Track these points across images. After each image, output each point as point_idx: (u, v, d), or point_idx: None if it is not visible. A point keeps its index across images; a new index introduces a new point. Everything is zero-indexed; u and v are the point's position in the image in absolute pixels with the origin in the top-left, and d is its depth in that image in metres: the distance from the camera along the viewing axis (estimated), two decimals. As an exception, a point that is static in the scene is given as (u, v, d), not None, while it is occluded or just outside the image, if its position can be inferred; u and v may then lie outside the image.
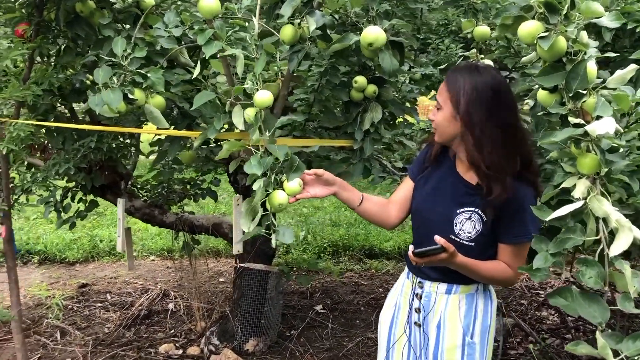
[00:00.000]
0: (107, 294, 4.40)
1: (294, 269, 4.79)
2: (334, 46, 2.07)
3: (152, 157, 3.20)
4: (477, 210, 1.71)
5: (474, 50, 2.27)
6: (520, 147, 1.68)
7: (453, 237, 1.72)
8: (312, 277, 4.60)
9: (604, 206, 1.54)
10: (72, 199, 3.44)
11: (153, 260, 5.20)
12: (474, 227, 1.71)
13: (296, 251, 5.21)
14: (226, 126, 2.39)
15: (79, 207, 3.46)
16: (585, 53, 1.58)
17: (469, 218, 1.71)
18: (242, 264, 3.48)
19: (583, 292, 1.57)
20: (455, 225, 1.73)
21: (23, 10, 2.27)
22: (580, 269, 1.56)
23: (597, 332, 1.41)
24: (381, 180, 2.80)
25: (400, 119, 3.22)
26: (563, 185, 1.61)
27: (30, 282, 4.63)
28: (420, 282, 1.86)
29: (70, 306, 4.16)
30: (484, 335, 1.80)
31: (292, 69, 2.11)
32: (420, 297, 1.84)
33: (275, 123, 2.39)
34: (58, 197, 3.34)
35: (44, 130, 2.69)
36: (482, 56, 2.31)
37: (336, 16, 2.34)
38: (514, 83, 2.35)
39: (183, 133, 2.49)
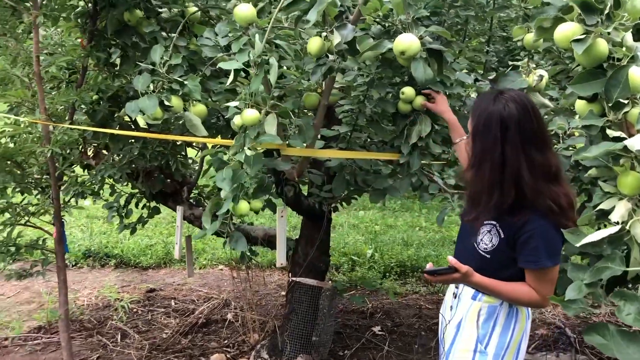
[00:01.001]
0: (172, 300, 4.51)
1: (357, 286, 4.68)
2: (367, 54, 1.98)
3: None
4: (497, 225, 1.73)
5: (525, 59, 2.09)
6: (519, 180, 1.63)
7: (475, 245, 1.77)
8: (373, 297, 4.47)
9: (648, 232, 1.34)
10: (136, 205, 3.57)
11: (221, 269, 5.28)
12: (491, 241, 1.74)
13: (361, 269, 5.09)
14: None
15: (142, 214, 3.58)
16: (631, 58, 1.40)
17: (489, 231, 1.74)
18: (293, 278, 3.43)
19: (622, 330, 1.38)
20: (479, 235, 1.77)
21: (79, 20, 2.37)
22: (618, 303, 1.37)
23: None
24: (431, 198, 2.66)
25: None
26: (601, 207, 1.42)
27: (103, 284, 4.84)
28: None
29: (135, 310, 4.29)
30: (500, 351, 1.78)
31: (314, 82, 2.05)
32: (456, 297, 1.92)
33: (313, 134, 2.36)
34: (122, 203, 3.47)
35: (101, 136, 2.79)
36: (534, 65, 2.12)
37: (383, 23, 2.26)
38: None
39: (219, 141, 2.50)
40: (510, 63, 2.21)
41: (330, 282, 4.27)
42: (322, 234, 3.39)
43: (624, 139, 1.33)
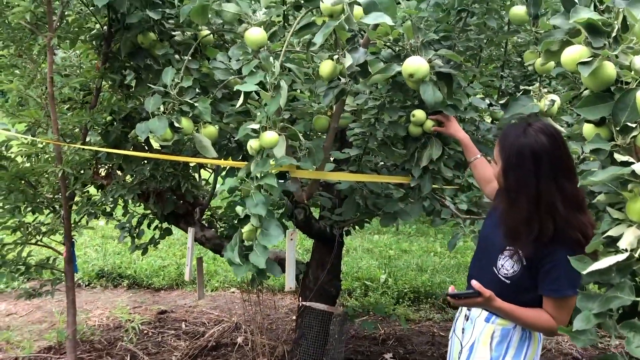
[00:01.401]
0: (183, 322, 4.49)
1: (370, 312, 4.62)
2: (376, 77, 1.98)
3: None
4: (519, 251, 1.74)
5: (537, 84, 2.07)
6: (554, 212, 1.65)
7: (495, 269, 1.79)
8: (385, 323, 4.40)
9: (658, 261, 1.30)
10: (148, 226, 3.58)
11: (233, 292, 5.25)
12: (512, 267, 1.75)
13: (374, 294, 5.03)
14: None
15: (154, 234, 3.59)
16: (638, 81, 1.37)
17: (511, 257, 1.76)
18: (303, 302, 3.39)
19: (633, 363, 1.33)
20: (499, 260, 1.79)
21: (94, 42, 2.41)
22: (627, 335, 1.33)
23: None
24: (443, 222, 2.63)
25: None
26: (609, 233, 1.38)
27: (115, 304, 4.84)
28: None
29: (146, 331, 4.28)
30: None
31: (326, 105, 2.05)
32: (467, 319, 1.93)
33: (322, 156, 2.35)
34: (134, 223, 3.49)
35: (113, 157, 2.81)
36: (546, 90, 2.10)
37: (394, 47, 2.26)
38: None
39: (229, 163, 2.50)
40: (522, 88, 2.19)
41: (341, 307, 4.23)
42: (333, 258, 3.36)
43: (632, 163, 1.30)
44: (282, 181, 2.55)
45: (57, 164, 2.31)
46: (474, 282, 1.66)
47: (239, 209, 2.06)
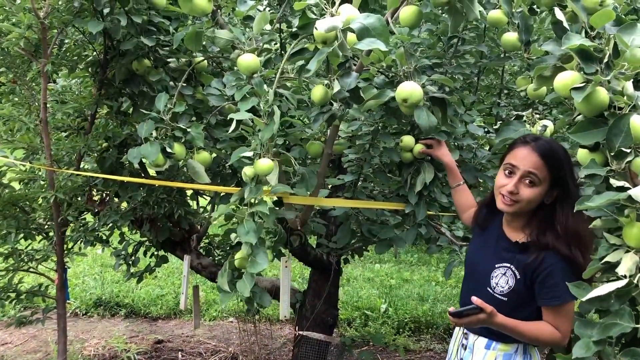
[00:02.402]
0: (179, 352, 4.41)
1: (369, 342, 4.53)
2: (369, 103, 1.97)
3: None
4: (511, 266, 1.74)
5: (530, 110, 2.06)
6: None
7: (489, 289, 1.77)
8: (385, 354, 4.32)
9: (657, 287, 1.26)
10: (144, 254, 3.54)
11: (231, 321, 5.18)
12: (507, 283, 1.74)
13: (374, 324, 4.95)
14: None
15: (149, 262, 3.55)
16: (633, 106, 1.35)
17: (504, 274, 1.75)
18: (299, 332, 3.34)
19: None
20: (492, 279, 1.77)
21: (90, 69, 2.42)
22: (626, 364, 1.28)
23: None
24: (438, 249, 2.59)
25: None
26: (607, 259, 1.35)
27: (112, 334, 4.77)
28: (465, 334, 1.90)
29: (141, 361, 4.20)
30: None
31: (316, 129, 2.04)
32: (465, 348, 1.90)
33: (315, 182, 2.33)
34: (130, 250, 3.45)
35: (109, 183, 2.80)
36: (538, 116, 2.09)
37: (387, 74, 2.26)
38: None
39: (223, 189, 2.48)
40: (514, 113, 2.18)
41: (338, 337, 4.16)
42: (330, 287, 3.31)
43: (628, 188, 1.27)
44: (278, 208, 2.52)
45: (50, 189, 2.29)
46: (475, 298, 1.62)
47: (232, 235, 2.03)
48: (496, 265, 1.77)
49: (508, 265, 1.75)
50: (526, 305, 1.73)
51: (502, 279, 1.75)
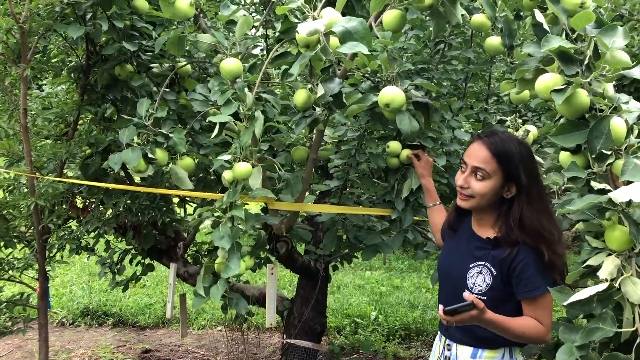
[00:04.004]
0: (167, 362, 4.36)
1: (359, 349, 4.50)
2: (352, 107, 1.96)
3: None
4: (486, 264, 1.71)
5: (513, 115, 2.05)
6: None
7: (468, 291, 1.73)
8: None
9: (639, 290, 1.25)
10: (130, 262, 3.50)
11: (220, 330, 5.13)
12: (484, 281, 1.71)
13: (364, 331, 4.92)
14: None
15: (135, 270, 3.51)
16: (614, 108, 1.34)
17: (480, 272, 1.72)
18: (287, 340, 3.30)
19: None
20: (469, 279, 1.74)
21: (72, 75, 2.39)
22: (610, 368, 1.27)
23: None
24: (425, 255, 2.57)
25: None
26: (589, 262, 1.34)
27: (99, 343, 4.71)
28: (448, 345, 1.83)
29: (128, 371, 4.15)
30: None
31: (299, 133, 2.02)
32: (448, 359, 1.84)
33: (301, 187, 2.31)
34: (115, 259, 3.41)
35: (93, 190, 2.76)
36: (521, 120, 2.08)
37: (372, 79, 2.25)
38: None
39: (205, 195, 2.46)
40: (498, 118, 2.17)
41: (327, 344, 4.12)
42: (318, 294, 3.28)
43: (609, 191, 1.26)
44: (263, 214, 2.50)
45: (31, 196, 2.26)
46: (467, 294, 1.58)
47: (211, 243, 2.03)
48: (470, 265, 1.75)
49: (482, 262, 1.72)
50: (506, 301, 1.70)
51: (479, 278, 1.72)
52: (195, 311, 5.32)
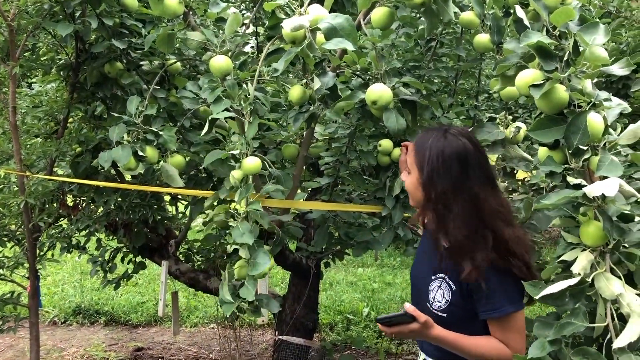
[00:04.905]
0: (159, 360, 4.37)
1: (352, 346, 4.52)
2: (340, 104, 1.97)
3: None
4: (446, 277, 1.54)
5: (503, 112, 2.07)
6: (491, 222, 1.47)
7: (428, 305, 1.57)
8: (368, 358, 4.31)
9: (612, 286, 1.26)
10: (122, 260, 3.50)
11: (213, 328, 5.14)
12: (443, 296, 1.54)
13: (356, 327, 4.94)
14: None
15: (127, 269, 3.51)
16: (593, 105, 1.36)
17: (440, 286, 1.55)
18: (279, 337, 3.32)
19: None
20: (429, 293, 1.58)
21: (61, 73, 2.40)
22: (579, 362, 1.28)
23: None
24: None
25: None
26: (563, 257, 1.35)
27: (91, 342, 4.71)
28: None
29: (120, 369, 4.16)
30: None
31: (296, 129, 2.03)
32: None
33: (291, 184, 2.32)
34: (107, 257, 3.41)
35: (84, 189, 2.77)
36: (511, 117, 2.10)
37: (363, 76, 2.26)
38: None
39: (196, 192, 2.47)
40: (487, 115, 2.19)
41: (319, 341, 4.14)
42: (310, 291, 3.30)
43: (585, 186, 1.28)
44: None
45: (20, 195, 2.26)
46: (407, 305, 1.43)
47: (228, 246, 1.99)
48: (432, 277, 1.58)
49: (443, 276, 1.55)
50: (469, 321, 1.52)
51: (439, 293, 1.54)
52: (187, 309, 5.33)
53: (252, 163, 1.92)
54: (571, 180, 1.29)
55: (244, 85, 2.01)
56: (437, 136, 1.53)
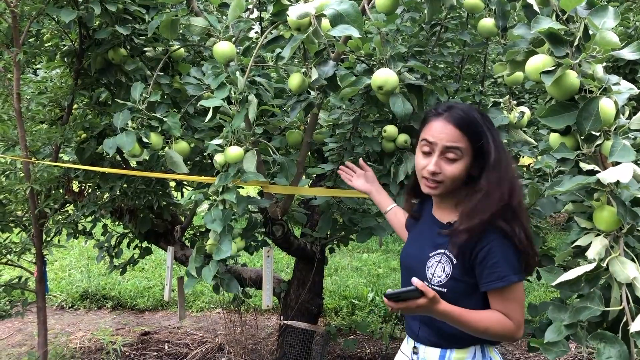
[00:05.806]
0: (166, 344, 4.40)
1: (356, 330, 4.54)
2: (345, 90, 1.96)
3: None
4: (446, 252, 1.55)
5: (507, 97, 2.05)
6: (514, 182, 1.51)
7: (427, 282, 1.55)
8: (372, 342, 4.33)
9: (627, 270, 1.26)
10: (128, 246, 3.52)
11: (218, 312, 5.17)
12: (444, 270, 1.54)
13: (361, 312, 4.97)
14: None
15: (133, 254, 3.53)
16: (604, 89, 1.35)
17: (439, 261, 1.56)
18: (284, 321, 3.34)
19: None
20: (428, 270, 1.58)
21: (65, 59, 2.39)
22: (598, 346, 1.29)
23: None
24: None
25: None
26: (577, 243, 1.35)
27: (98, 326, 4.75)
28: (415, 347, 1.67)
29: (128, 353, 4.19)
30: None
31: (294, 117, 2.03)
32: None
33: (295, 171, 2.32)
34: (113, 243, 3.43)
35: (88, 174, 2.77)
36: (515, 102, 2.08)
37: (367, 62, 2.25)
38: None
39: (200, 179, 2.47)
40: (492, 100, 2.18)
41: (323, 326, 4.16)
42: (315, 276, 3.31)
43: (598, 172, 1.27)
44: (257, 198, 2.51)
45: (26, 181, 2.27)
46: (415, 280, 1.39)
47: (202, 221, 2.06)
48: (430, 254, 1.58)
49: (442, 251, 1.55)
50: (469, 294, 1.53)
51: (438, 267, 1.54)
52: (193, 294, 5.37)
53: (234, 152, 1.98)
54: (584, 166, 1.28)
55: (238, 74, 1.99)
56: (474, 110, 1.54)
